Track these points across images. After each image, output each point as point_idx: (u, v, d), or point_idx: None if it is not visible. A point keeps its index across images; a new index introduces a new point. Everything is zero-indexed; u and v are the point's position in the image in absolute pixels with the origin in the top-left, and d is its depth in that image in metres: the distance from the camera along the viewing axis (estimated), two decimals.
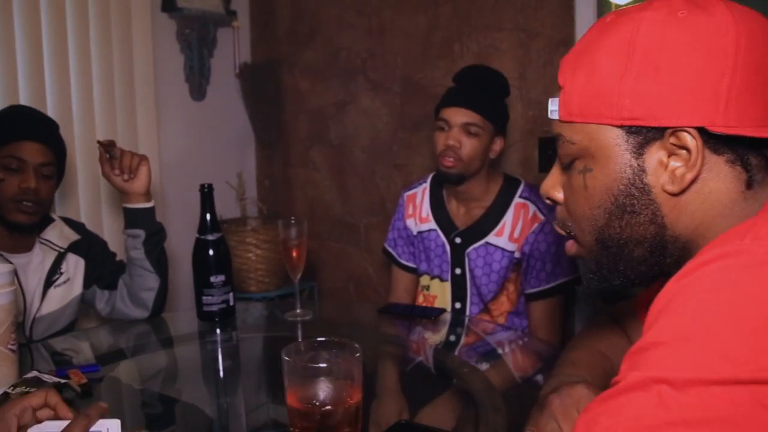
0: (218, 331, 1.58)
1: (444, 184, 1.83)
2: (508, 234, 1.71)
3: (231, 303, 1.58)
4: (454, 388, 1.34)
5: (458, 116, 1.67)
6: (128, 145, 2.40)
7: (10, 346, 1.17)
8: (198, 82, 2.81)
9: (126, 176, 1.56)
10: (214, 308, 1.56)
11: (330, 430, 0.59)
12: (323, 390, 0.60)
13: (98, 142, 1.57)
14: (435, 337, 1.61)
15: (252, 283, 2.71)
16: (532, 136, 2.37)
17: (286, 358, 0.59)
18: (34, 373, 1.21)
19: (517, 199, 1.73)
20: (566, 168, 0.73)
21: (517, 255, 1.71)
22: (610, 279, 0.71)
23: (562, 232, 0.76)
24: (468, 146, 1.66)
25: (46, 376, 1.20)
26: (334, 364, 0.62)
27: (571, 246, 0.76)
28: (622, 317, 1.04)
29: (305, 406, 0.59)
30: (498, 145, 1.73)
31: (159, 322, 1.66)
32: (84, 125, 2.25)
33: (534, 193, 1.75)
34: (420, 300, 1.88)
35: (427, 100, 2.61)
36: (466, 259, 1.75)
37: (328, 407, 0.60)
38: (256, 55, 3.07)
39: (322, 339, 0.62)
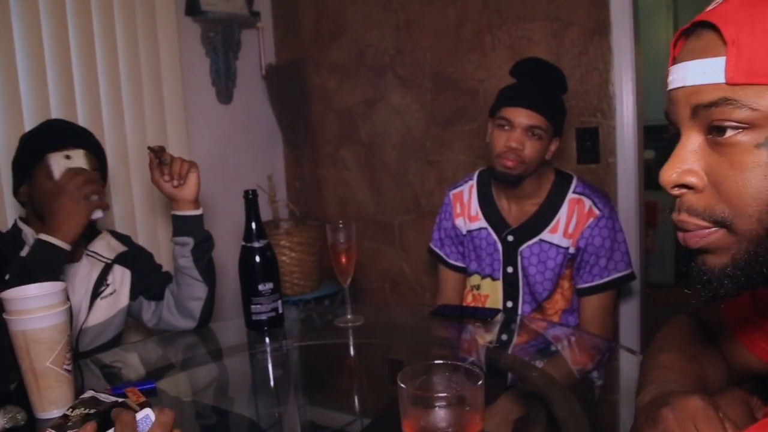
0: (268, 340, 1.54)
1: (494, 182, 1.77)
2: (562, 230, 1.67)
3: (280, 311, 1.54)
4: (514, 387, 1.30)
5: (522, 118, 1.61)
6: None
7: (65, 367, 1.14)
8: (224, 84, 2.78)
9: (176, 182, 1.53)
10: (263, 317, 1.52)
11: None
12: (443, 419, 0.55)
13: (149, 147, 1.53)
14: (487, 337, 1.57)
15: (287, 287, 2.68)
16: (569, 127, 2.31)
17: (402, 385, 0.55)
18: (90, 393, 1.18)
19: (570, 195, 1.68)
20: (723, 144, 0.61)
21: (571, 251, 1.66)
22: (758, 278, 0.61)
23: (701, 223, 0.64)
24: (530, 148, 1.61)
25: (103, 395, 1.17)
26: (456, 392, 0.57)
27: (718, 239, 0.63)
28: (706, 316, 0.99)
29: None
30: (554, 145, 1.68)
31: (207, 333, 1.62)
32: (114, 132, 2.22)
33: (588, 188, 1.69)
34: (469, 300, 1.84)
35: (459, 95, 2.57)
36: (519, 258, 1.70)
37: None
38: (280, 56, 3.03)
39: (439, 362, 0.58)
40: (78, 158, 1.46)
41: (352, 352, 1.53)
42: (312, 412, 1.30)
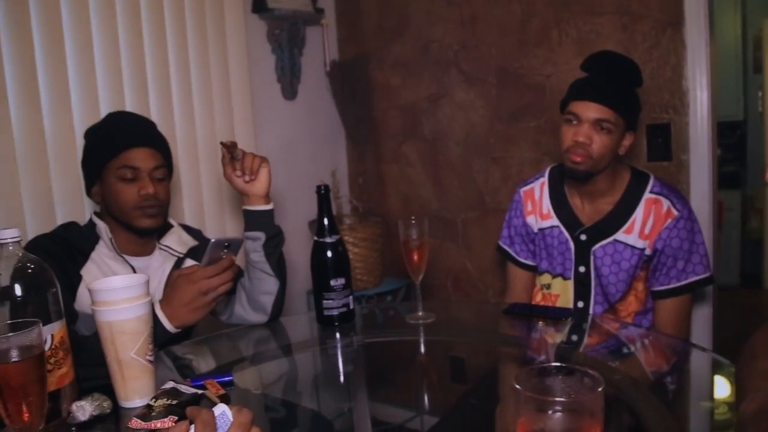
0: (338, 335, 1.55)
1: (566, 179, 1.73)
2: (638, 230, 1.62)
3: (351, 306, 1.55)
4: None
5: (590, 111, 1.57)
6: None
7: (148, 357, 1.17)
8: (289, 81, 2.81)
9: (247, 178, 1.54)
10: (335, 312, 1.53)
11: None
12: (560, 425, 0.53)
13: (221, 143, 1.56)
14: (557, 337, 1.54)
15: None
16: (640, 124, 2.24)
17: (518, 387, 0.53)
18: (171, 384, 1.21)
19: (647, 194, 1.63)
20: None
21: (648, 252, 1.61)
22: None
23: None
24: (599, 143, 1.57)
25: (183, 386, 1.20)
26: (574, 397, 0.55)
27: None
28: None
29: None
30: (628, 140, 1.63)
31: (277, 327, 1.64)
32: (185, 127, 2.27)
33: (666, 188, 1.64)
34: (538, 299, 1.80)
35: (524, 91, 2.53)
36: (592, 257, 1.66)
37: None
38: (344, 52, 3.04)
39: (558, 365, 0.56)
40: (234, 249, 1.42)
41: (422, 349, 1.53)
42: (378, 408, 1.30)
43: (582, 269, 1.69)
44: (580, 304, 1.71)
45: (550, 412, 0.53)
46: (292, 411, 1.31)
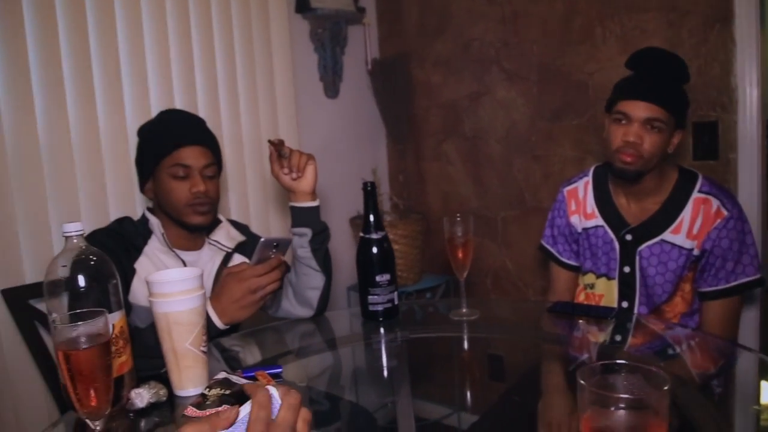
0: (382, 330, 1.57)
1: (611, 178, 1.72)
2: (686, 230, 1.60)
3: (395, 302, 1.57)
4: None
5: (640, 110, 1.54)
6: None
7: (202, 348, 1.20)
8: (331, 79, 2.84)
9: (294, 175, 1.57)
10: (379, 308, 1.55)
11: None
12: (625, 422, 0.54)
13: (269, 141, 1.59)
14: (600, 336, 1.54)
15: None
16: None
17: (582, 382, 0.54)
18: (223, 375, 1.24)
19: (696, 194, 1.61)
20: None
21: (696, 252, 1.59)
22: None
23: None
24: (650, 142, 1.55)
25: (234, 377, 1.23)
26: (639, 395, 0.55)
27: None
28: None
29: None
30: (677, 138, 1.61)
31: (322, 322, 1.67)
32: (231, 124, 2.32)
33: (716, 187, 1.61)
34: (581, 299, 1.80)
35: (567, 88, 2.51)
36: (637, 258, 1.65)
37: None
38: (384, 51, 3.06)
39: (622, 362, 0.57)
40: (282, 249, 1.46)
41: (465, 345, 1.54)
42: (420, 404, 1.31)
43: (627, 269, 1.68)
44: (625, 305, 1.69)
45: (614, 408, 0.54)
46: (335, 404, 1.34)
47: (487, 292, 2.81)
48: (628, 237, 1.66)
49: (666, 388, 0.54)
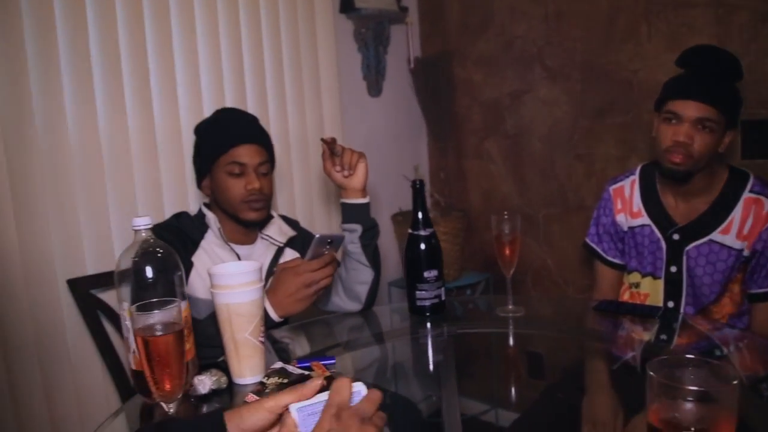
0: (429, 325, 1.60)
1: (659, 178, 1.72)
2: (735, 231, 1.59)
3: (442, 298, 1.60)
4: None
5: (691, 110, 1.54)
6: (316, 142, 2.51)
7: (260, 338, 1.26)
8: (374, 78, 2.88)
9: (346, 172, 1.62)
10: (427, 303, 1.58)
11: None
12: (693, 414, 0.56)
13: (322, 139, 1.64)
14: (645, 335, 1.55)
15: None
16: None
17: (652, 374, 0.56)
18: (279, 365, 1.30)
19: (747, 194, 1.60)
20: None
21: (745, 253, 1.59)
22: None
23: None
24: (700, 142, 1.54)
25: (290, 367, 1.28)
26: (708, 388, 0.57)
27: None
28: None
29: (669, 428, 0.55)
30: (729, 137, 1.59)
31: (370, 316, 1.71)
32: (278, 125, 2.37)
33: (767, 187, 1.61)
34: (625, 297, 1.80)
35: (611, 87, 2.51)
36: (685, 257, 1.65)
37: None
38: (426, 50, 3.09)
39: (690, 356, 0.59)
40: (336, 245, 1.51)
41: (511, 342, 1.56)
42: (465, 400, 1.33)
43: (673, 269, 1.68)
44: (671, 304, 1.69)
45: (682, 400, 0.56)
46: (383, 396, 1.37)
47: (527, 290, 2.83)
48: (676, 236, 1.66)
49: (735, 382, 0.56)
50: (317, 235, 1.43)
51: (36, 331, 1.78)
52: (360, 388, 0.81)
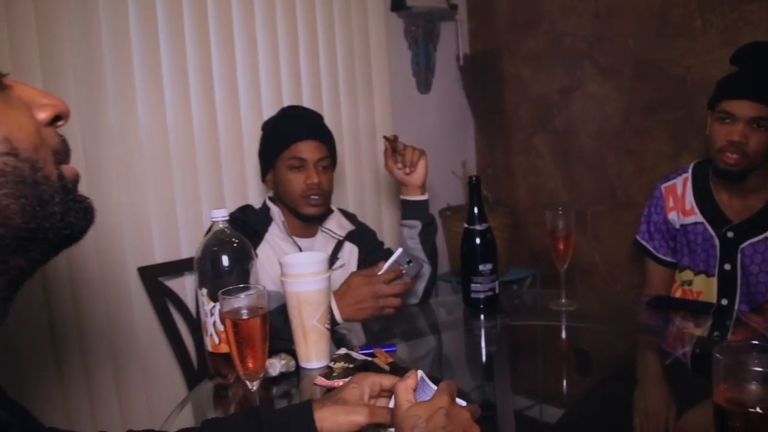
0: (482, 317, 1.65)
1: (713, 176, 1.73)
2: None
3: (497, 291, 1.64)
4: None
5: (745, 109, 1.55)
6: (368, 138, 2.57)
7: (326, 325, 1.33)
8: (424, 75, 2.93)
9: (407, 169, 1.68)
10: (481, 295, 1.63)
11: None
12: (758, 395, 0.60)
13: (384, 137, 1.70)
14: (697, 332, 1.56)
15: None
16: None
17: (719, 356, 0.61)
18: (344, 350, 1.36)
19: None
20: None
21: None
22: None
23: None
24: (755, 142, 1.55)
25: (354, 353, 1.35)
26: None
27: None
28: None
29: (740, 408, 0.60)
30: None
31: (426, 308, 1.77)
32: (332, 121, 2.42)
33: None
34: (677, 295, 1.81)
35: (663, 83, 2.51)
36: (739, 255, 1.66)
37: (759, 411, 0.60)
38: (475, 46, 3.12)
39: (755, 342, 0.63)
40: (415, 267, 1.57)
41: (563, 335, 1.60)
42: (524, 388, 1.37)
43: (727, 267, 1.68)
44: (724, 302, 1.70)
45: (747, 381, 0.60)
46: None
47: (575, 286, 2.84)
48: (730, 234, 1.67)
49: None
50: (400, 250, 1.50)
51: (108, 315, 1.89)
52: (422, 375, 0.88)
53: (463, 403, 0.88)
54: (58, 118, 0.60)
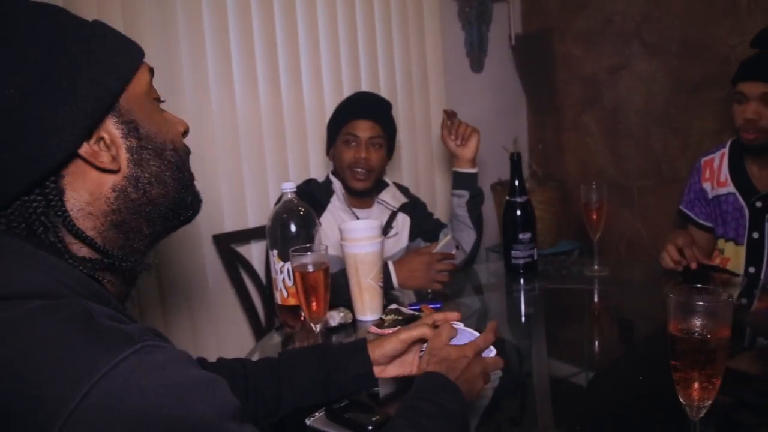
0: (522, 281, 1.82)
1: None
2: None
3: (535, 258, 1.81)
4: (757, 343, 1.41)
5: (755, 88, 1.66)
6: (423, 116, 2.74)
7: (379, 284, 1.52)
8: (477, 55, 3.06)
9: (458, 142, 1.85)
10: (521, 261, 1.80)
11: (704, 354, 0.76)
12: (700, 324, 0.77)
13: (444, 111, 1.87)
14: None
15: None
16: None
17: (672, 296, 0.78)
18: (394, 306, 1.56)
19: None
20: None
21: None
22: None
23: None
24: None
25: (404, 309, 1.54)
26: (711, 304, 0.79)
27: None
28: None
29: (685, 335, 0.77)
30: None
31: (471, 272, 1.94)
32: (389, 97, 2.57)
33: None
34: (716, 262, 1.91)
35: (708, 62, 2.57)
36: (767, 224, 1.76)
37: (702, 336, 0.77)
38: (527, 26, 3.23)
39: (699, 286, 0.79)
40: (461, 254, 1.79)
41: (596, 298, 1.75)
42: (558, 347, 1.50)
43: (755, 235, 1.78)
44: (752, 270, 1.80)
45: (693, 313, 0.78)
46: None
47: (620, 258, 2.96)
48: (758, 204, 1.76)
49: (730, 300, 0.77)
50: (450, 236, 1.74)
51: (185, 277, 2.14)
52: (491, 349, 1.06)
53: (493, 352, 1.06)
54: (186, 132, 0.86)
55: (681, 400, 0.80)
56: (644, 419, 0.82)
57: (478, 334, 1.07)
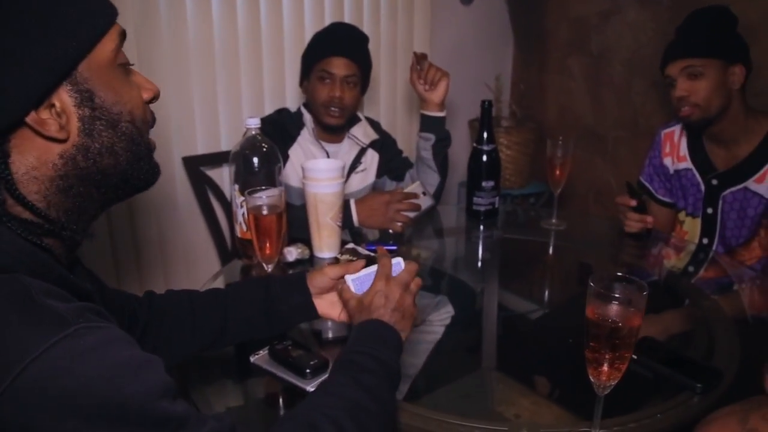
0: (482, 228, 1.86)
1: None
2: None
3: (496, 205, 1.84)
4: (686, 308, 1.47)
5: (676, 68, 1.68)
6: (405, 47, 2.69)
7: (338, 223, 1.55)
8: None
9: (427, 86, 1.84)
10: (482, 208, 1.84)
11: (616, 339, 0.82)
12: (614, 311, 0.82)
13: (414, 53, 1.85)
14: (672, 263, 1.74)
15: None
16: None
17: (592, 284, 0.82)
18: (351, 245, 1.60)
19: None
20: None
21: None
22: None
23: None
24: (699, 90, 1.65)
25: (360, 249, 1.58)
26: (626, 295, 0.83)
27: None
28: None
29: (600, 321, 0.82)
30: (737, 74, 1.65)
31: (433, 214, 1.97)
32: (372, 30, 2.53)
33: None
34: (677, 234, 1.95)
35: None
36: (720, 201, 1.77)
37: (616, 324, 0.82)
38: None
39: (620, 274, 0.83)
40: (426, 201, 1.77)
41: (550, 251, 1.80)
42: (503, 295, 1.59)
43: (710, 210, 1.80)
44: (705, 241, 1.84)
45: (609, 302, 0.82)
46: (438, 279, 1.66)
47: (588, 206, 3.00)
48: (714, 181, 1.78)
49: (645, 293, 0.81)
50: (419, 182, 1.76)
51: (154, 199, 2.15)
52: (399, 261, 1.07)
53: (401, 266, 1.05)
54: (154, 98, 0.82)
55: (590, 378, 0.85)
56: (583, 361, 0.87)
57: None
